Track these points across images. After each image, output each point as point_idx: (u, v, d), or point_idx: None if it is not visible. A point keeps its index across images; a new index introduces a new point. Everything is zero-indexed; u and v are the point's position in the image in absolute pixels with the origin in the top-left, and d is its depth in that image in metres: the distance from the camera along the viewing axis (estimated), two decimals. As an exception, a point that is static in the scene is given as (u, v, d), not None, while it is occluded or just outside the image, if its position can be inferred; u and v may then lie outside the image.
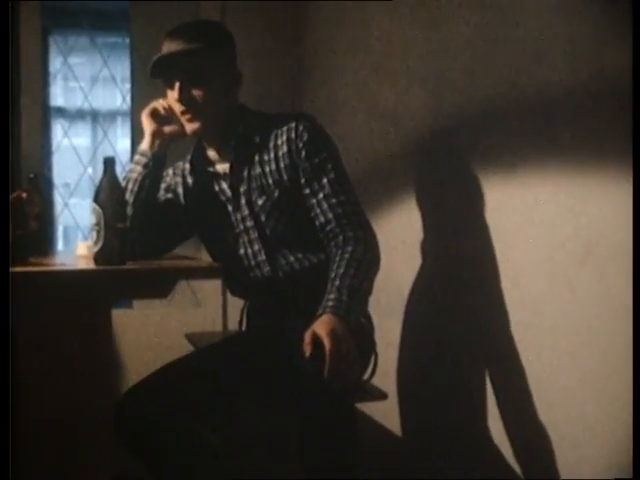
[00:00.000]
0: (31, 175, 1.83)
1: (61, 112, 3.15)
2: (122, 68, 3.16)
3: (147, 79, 1.71)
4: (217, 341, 1.91)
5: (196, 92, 1.65)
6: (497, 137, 1.76)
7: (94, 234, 1.48)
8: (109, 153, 3.07)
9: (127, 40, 3.11)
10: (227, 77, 1.71)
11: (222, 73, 1.69)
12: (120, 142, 3.22)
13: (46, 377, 1.45)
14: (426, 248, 2.09)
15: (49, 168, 3.06)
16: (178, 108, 1.67)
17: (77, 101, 3.16)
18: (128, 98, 3.12)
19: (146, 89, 2.75)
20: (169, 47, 1.64)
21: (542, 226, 1.61)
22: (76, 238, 3.21)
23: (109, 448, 1.50)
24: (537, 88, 1.61)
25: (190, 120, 1.67)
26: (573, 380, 1.53)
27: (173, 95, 1.66)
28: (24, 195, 1.55)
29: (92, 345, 1.49)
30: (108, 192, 1.49)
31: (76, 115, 3.16)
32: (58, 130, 3.14)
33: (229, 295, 2.84)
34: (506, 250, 1.75)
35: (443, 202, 2.03)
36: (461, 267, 1.95)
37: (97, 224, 1.48)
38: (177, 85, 1.64)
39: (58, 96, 3.19)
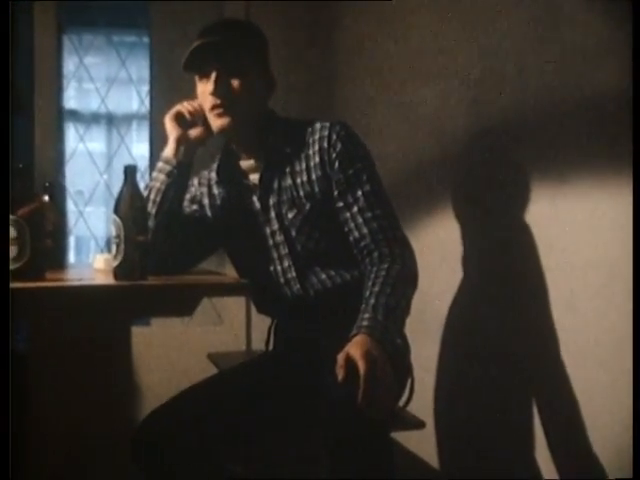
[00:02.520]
0: (46, 183, 1.87)
1: (75, 115, 3.20)
2: (140, 69, 3.21)
3: (167, 81, 1.73)
4: (242, 362, 1.92)
5: (232, 84, 1.66)
6: (547, 143, 1.75)
7: (114, 247, 1.50)
8: (126, 159, 3.12)
9: (146, 39, 3.16)
10: (262, 77, 1.73)
11: (258, 70, 1.72)
12: (137, 147, 3.26)
13: (61, 397, 1.47)
14: (467, 265, 2.09)
15: (62, 175, 3.11)
16: (210, 102, 1.67)
17: (92, 104, 3.21)
18: (147, 101, 3.17)
19: (166, 91, 2.80)
20: (205, 39, 1.65)
21: (599, 242, 1.60)
22: (88, 249, 3.26)
23: (125, 473, 1.52)
24: (591, 91, 1.61)
25: (220, 115, 1.68)
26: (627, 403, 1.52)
27: (206, 89, 1.67)
28: (45, 204, 1.58)
29: (110, 365, 1.51)
30: (129, 202, 1.50)
31: (91, 119, 3.21)
32: (71, 134, 3.19)
33: (253, 313, 2.88)
34: (557, 268, 1.74)
35: (486, 215, 2.03)
36: (506, 286, 1.94)
37: (117, 236, 1.49)
38: (213, 75, 1.65)
39: (72, 98, 3.24)
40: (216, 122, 1.69)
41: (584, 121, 1.63)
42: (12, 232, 1.43)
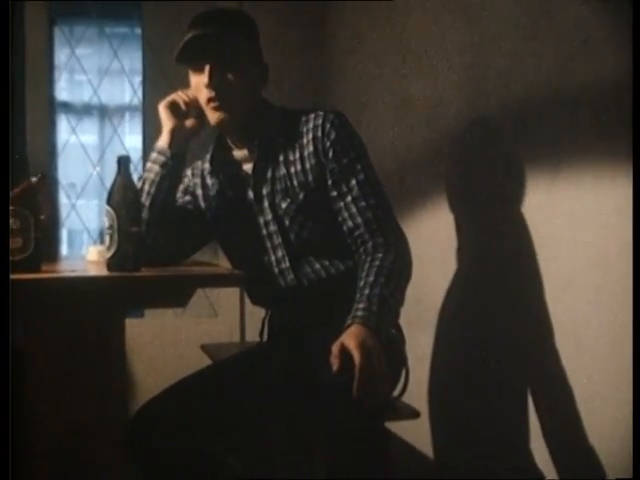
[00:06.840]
0: (38, 175, 1.85)
1: (67, 107, 3.19)
2: (132, 60, 3.19)
3: (160, 72, 1.71)
4: (236, 353, 1.92)
5: (227, 77, 1.65)
6: (542, 132, 1.75)
7: (107, 238, 1.49)
8: (118, 151, 3.10)
9: (138, 30, 3.15)
10: (256, 67, 1.73)
11: (252, 61, 1.71)
12: (130, 139, 3.24)
13: (55, 389, 1.47)
14: (461, 255, 2.09)
15: (55, 167, 3.10)
16: (206, 94, 1.66)
17: (84, 95, 3.19)
18: (139, 92, 3.15)
19: (158, 83, 2.79)
20: (197, 31, 1.64)
21: (592, 232, 1.60)
22: (81, 241, 3.25)
23: (120, 465, 1.52)
24: (588, 81, 1.60)
25: (216, 109, 1.67)
26: (627, 400, 1.52)
27: (201, 81, 1.66)
28: (34, 181, 1.55)
29: (104, 357, 1.51)
30: (122, 193, 1.49)
31: (83, 110, 3.19)
32: (63, 126, 3.17)
33: (247, 305, 2.88)
34: (551, 258, 1.74)
35: (481, 205, 2.03)
36: (500, 276, 1.95)
37: (110, 228, 1.48)
38: (207, 68, 1.64)
39: (64, 90, 3.22)
40: (213, 115, 1.68)
41: (579, 111, 1.63)
42: (16, 223, 1.40)
